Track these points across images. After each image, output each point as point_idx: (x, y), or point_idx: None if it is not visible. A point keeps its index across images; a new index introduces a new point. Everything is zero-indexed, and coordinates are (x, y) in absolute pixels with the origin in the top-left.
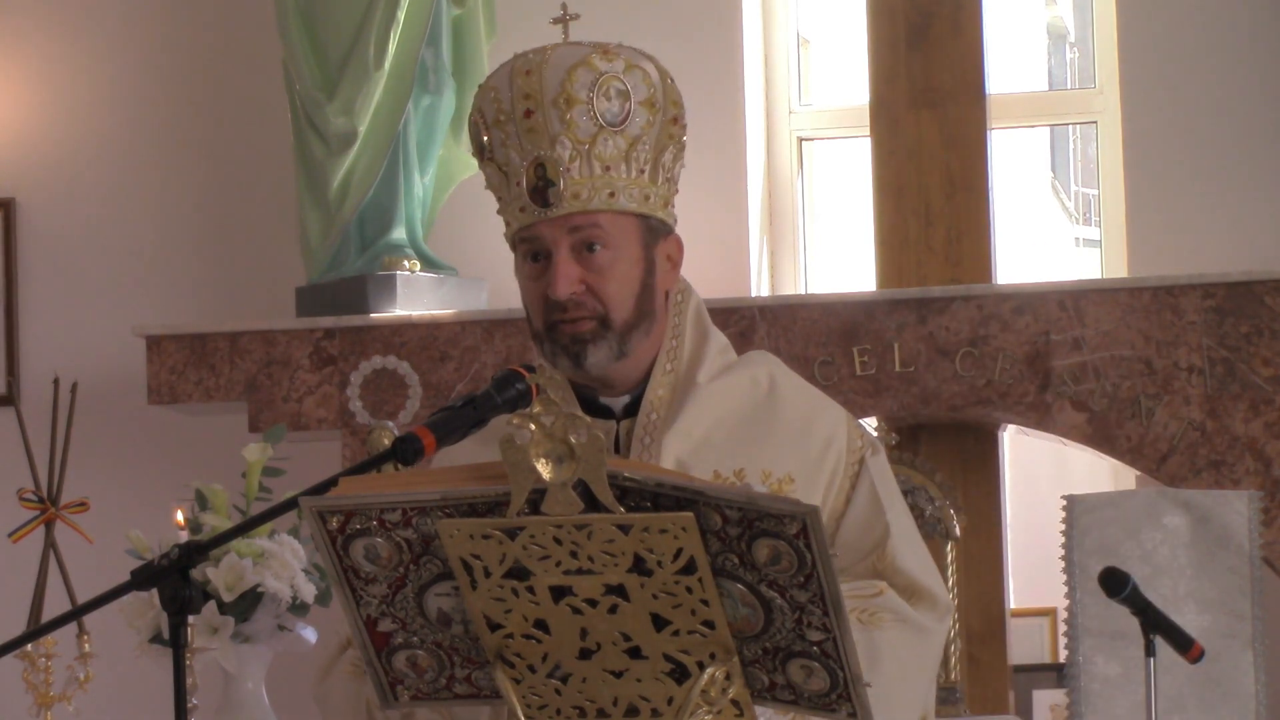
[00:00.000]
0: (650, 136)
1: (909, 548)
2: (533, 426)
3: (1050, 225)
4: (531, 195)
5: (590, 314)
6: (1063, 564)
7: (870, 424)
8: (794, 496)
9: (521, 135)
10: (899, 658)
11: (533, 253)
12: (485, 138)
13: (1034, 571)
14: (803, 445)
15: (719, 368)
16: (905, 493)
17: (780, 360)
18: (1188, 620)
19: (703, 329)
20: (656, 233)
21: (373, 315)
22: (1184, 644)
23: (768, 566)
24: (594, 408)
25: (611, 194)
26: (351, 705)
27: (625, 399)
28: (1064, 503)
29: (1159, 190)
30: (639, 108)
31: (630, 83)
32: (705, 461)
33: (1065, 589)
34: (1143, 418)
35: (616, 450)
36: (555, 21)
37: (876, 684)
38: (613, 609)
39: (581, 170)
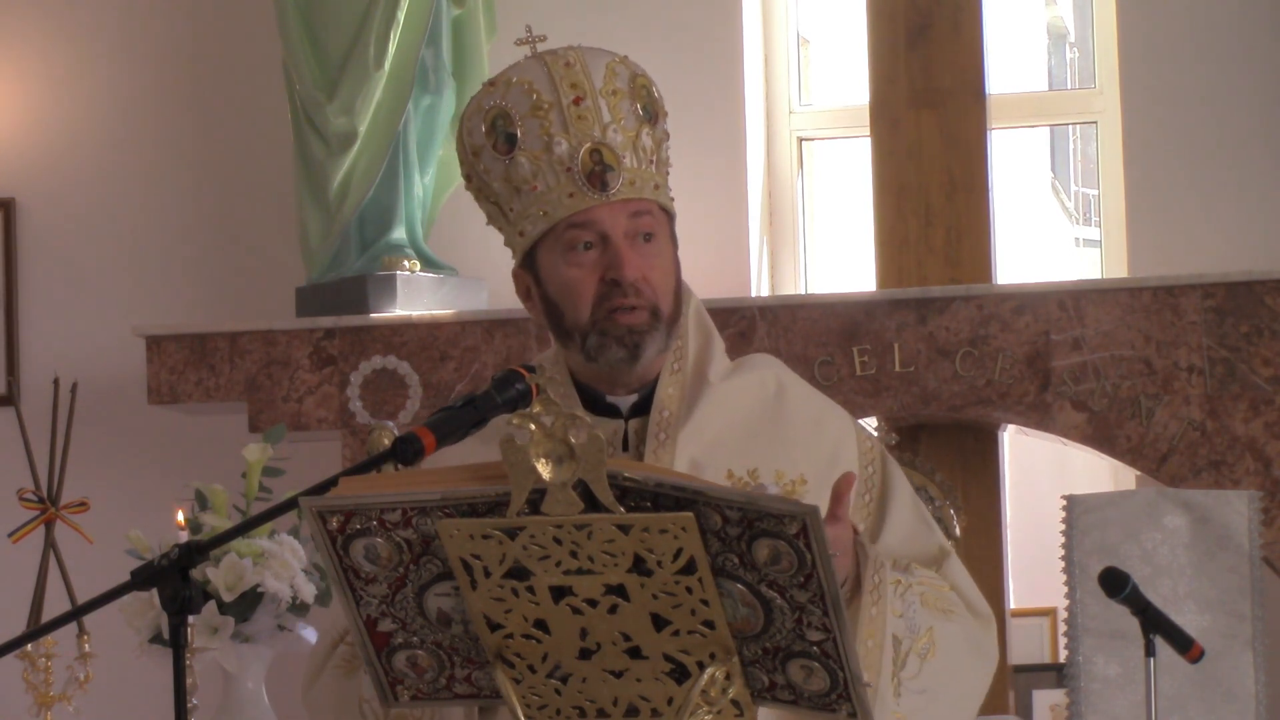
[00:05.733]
0: (666, 144)
1: (960, 568)
2: (533, 426)
3: (1050, 225)
4: (588, 178)
5: (646, 304)
6: (1063, 564)
7: (870, 424)
8: (806, 498)
9: (571, 122)
10: (959, 655)
11: (581, 241)
12: (515, 130)
13: (1034, 571)
14: (813, 448)
15: (727, 368)
16: None
17: (783, 363)
18: (1188, 620)
19: (706, 329)
20: (675, 238)
21: (373, 315)
22: (1184, 644)
23: (768, 566)
24: (600, 406)
25: (656, 186)
26: (342, 704)
27: (633, 398)
28: (1064, 503)
29: (1159, 190)
30: (660, 111)
31: (652, 85)
32: (719, 460)
33: (1065, 589)
34: (1143, 418)
35: (626, 449)
36: (521, 43)
37: (937, 672)
38: (613, 609)
39: (632, 160)
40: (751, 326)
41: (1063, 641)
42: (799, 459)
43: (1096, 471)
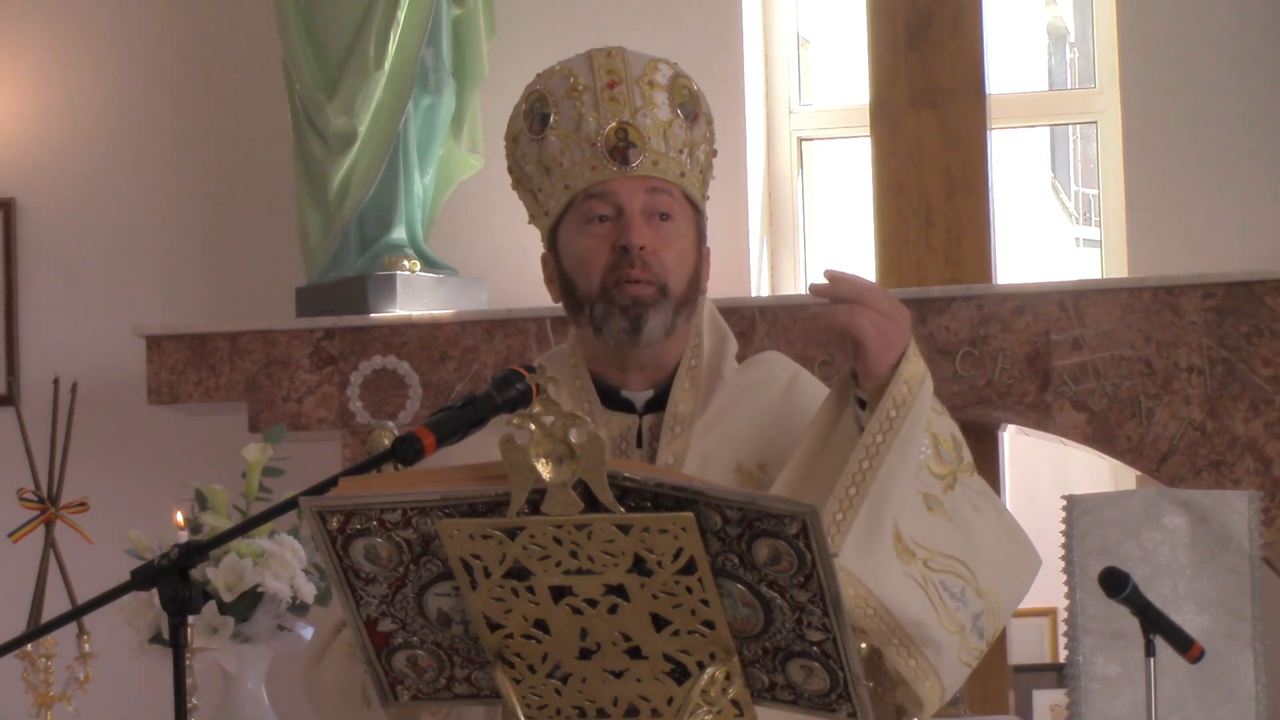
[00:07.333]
0: (705, 148)
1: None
2: (533, 426)
3: (1050, 225)
4: (610, 153)
5: (654, 279)
6: (1063, 564)
7: None
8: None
9: (602, 102)
10: (995, 526)
11: (598, 214)
12: (549, 111)
13: None
14: None
15: (741, 365)
16: None
17: (792, 360)
18: (1188, 620)
19: (720, 329)
20: (703, 235)
21: (373, 315)
22: (1184, 644)
23: (768, 566)
24: (615, 401)
25: (682, 174)
26: (345, 685)
27: (649, 393)
28: (1064, 503)
29: (1159, 190)
30: (703, 115)
31: (698, 90)
32: (729, 454)
33: (1065, 589)
34: (1143, 418)
35: (639, 444)
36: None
37: (967, 522)
38: (613, 609)
39: (659, 143)
40: (751, 327)
41: (1063, 641)
42: None
43: (1096, 471)
